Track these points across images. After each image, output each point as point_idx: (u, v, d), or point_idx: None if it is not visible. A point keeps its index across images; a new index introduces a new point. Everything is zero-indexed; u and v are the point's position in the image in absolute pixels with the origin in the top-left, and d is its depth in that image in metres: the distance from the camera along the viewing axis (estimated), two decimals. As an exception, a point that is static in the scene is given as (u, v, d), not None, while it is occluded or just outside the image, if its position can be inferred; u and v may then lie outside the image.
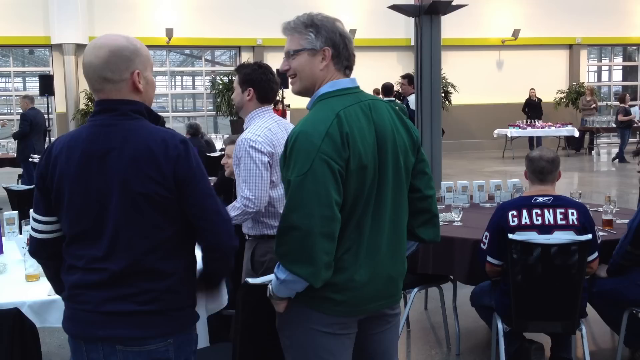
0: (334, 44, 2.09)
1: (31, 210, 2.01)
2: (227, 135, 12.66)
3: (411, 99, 8.85)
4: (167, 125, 13.56)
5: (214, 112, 17.20)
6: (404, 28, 16.45)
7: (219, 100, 16.18)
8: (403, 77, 9.62)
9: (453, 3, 7.98)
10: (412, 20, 8.51)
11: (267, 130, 3.08)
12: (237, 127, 13.19)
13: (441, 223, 4.05)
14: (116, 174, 1.85)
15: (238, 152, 3.06)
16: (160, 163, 1.84)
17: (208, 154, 9.00)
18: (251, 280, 2.36)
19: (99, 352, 1.87)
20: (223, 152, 6.57)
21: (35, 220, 1.99)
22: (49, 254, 2.01)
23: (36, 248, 2.02)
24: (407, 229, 2.21)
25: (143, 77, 1.95)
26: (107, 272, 1.86)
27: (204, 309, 3.01)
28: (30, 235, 2.03)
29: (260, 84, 3.14)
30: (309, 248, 1.91)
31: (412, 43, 11.72)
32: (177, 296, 1.92)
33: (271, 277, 2.21)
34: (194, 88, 18.33)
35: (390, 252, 2.12)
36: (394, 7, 8.36)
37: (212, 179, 6.44)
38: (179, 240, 1.92)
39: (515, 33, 17.83)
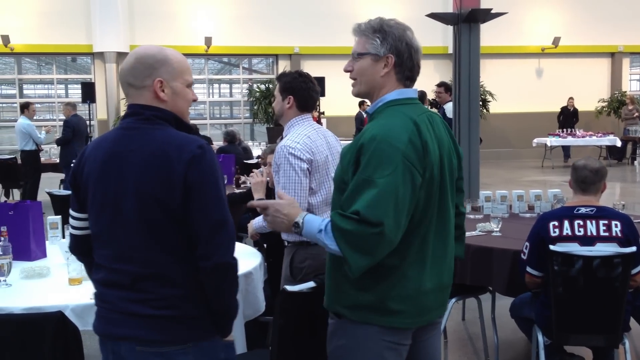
0: (399, 53, 2.07)
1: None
2: (265, 143, 12.75)
3: (448, 107, 8.74)
4: (204, 132, 13.52)
5: (251, 120, 17.33)
6: (441, 36, 16.34)
7: (256, 107, 16.33)
8: (439, 85, 9.53)
9: (492, 11, 7.89)
10: (449, 27, 8.43)
11: (306, 137, 3.09)
12: (274, 135, 13.23)
13: (479, 233, 4.06)
14: (131, 176, 1.88)
15: (277, 159, 3.08)
16: (173, 167, 1.85)
17: (245, 161, 9.06)
18: (289, 288, 2.36)
19: (120, 349, 1.91)
20: (260, 160, 6.62)
21: (71, 216, 2.07)
22: (84, 250, 2.07)
23: (73, 243, 2.11)
24: None
25: (169, 87, 1.96)
26: (126, 274, 1.89)
27: (241, 315, 3.03)
28: (70, 232, 2.12)
29: (300, 92, 3.16)
30: (372, 244, 1.89)
31: (450, 51, 11.64)
32: (194, 304, 1.91)
33: (309, 284, 2.21)
34: (231, 96, 18.52)
35: (449, 264, 2.15)
36: (432, 16, 8.29)
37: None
38: (192, 246, 1.89)
39: (556, 41, 17.55)
